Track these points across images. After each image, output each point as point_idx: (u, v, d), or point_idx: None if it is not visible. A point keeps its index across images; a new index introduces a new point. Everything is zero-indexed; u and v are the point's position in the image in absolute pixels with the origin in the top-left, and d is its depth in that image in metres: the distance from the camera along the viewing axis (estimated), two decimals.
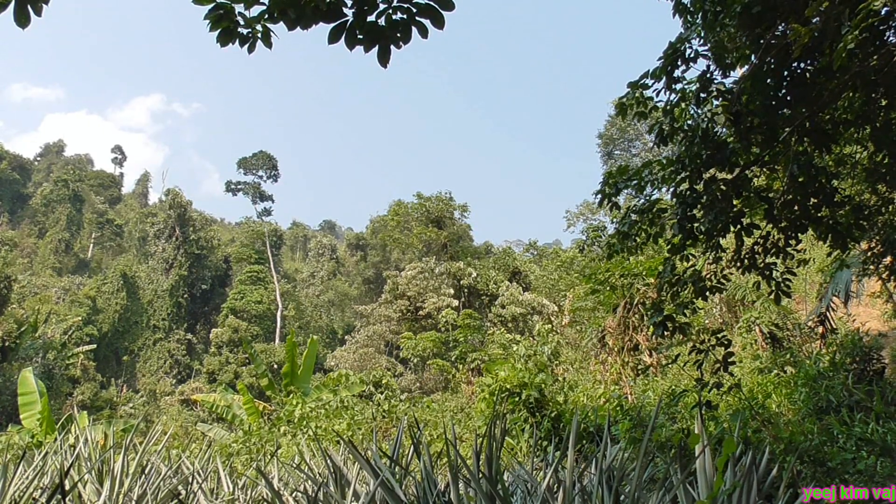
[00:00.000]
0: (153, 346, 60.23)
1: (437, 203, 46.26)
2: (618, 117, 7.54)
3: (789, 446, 6.80)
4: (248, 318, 58.53)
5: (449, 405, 20.25)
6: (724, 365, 6.83)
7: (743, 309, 18.59)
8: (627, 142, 58.97)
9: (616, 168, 7.05)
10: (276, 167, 70.43)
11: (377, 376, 25.52)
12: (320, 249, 77.61)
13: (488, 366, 18.26)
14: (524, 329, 36.94)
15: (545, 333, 23.10)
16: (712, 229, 6.33)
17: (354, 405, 17.72)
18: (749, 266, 6.79)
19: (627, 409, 10.75)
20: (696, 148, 6.16)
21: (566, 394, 13.04)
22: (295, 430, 14.74)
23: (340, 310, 70.75)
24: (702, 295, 6.72)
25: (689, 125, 6.46)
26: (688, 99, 6.42)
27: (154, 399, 53.62)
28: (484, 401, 12.74)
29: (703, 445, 4.14)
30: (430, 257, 43.69)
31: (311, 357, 21.89)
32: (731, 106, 5.91)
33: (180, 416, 43.33)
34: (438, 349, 35.13)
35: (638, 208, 6.84)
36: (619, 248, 7.07)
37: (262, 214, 72.30)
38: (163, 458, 7.24)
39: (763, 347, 15.70)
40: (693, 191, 6.34)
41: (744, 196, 6.31)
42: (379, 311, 42.94)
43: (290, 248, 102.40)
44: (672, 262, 6.86)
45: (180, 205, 64.68)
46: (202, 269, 66.37)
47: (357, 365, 38.77)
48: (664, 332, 6.78)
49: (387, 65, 3.90)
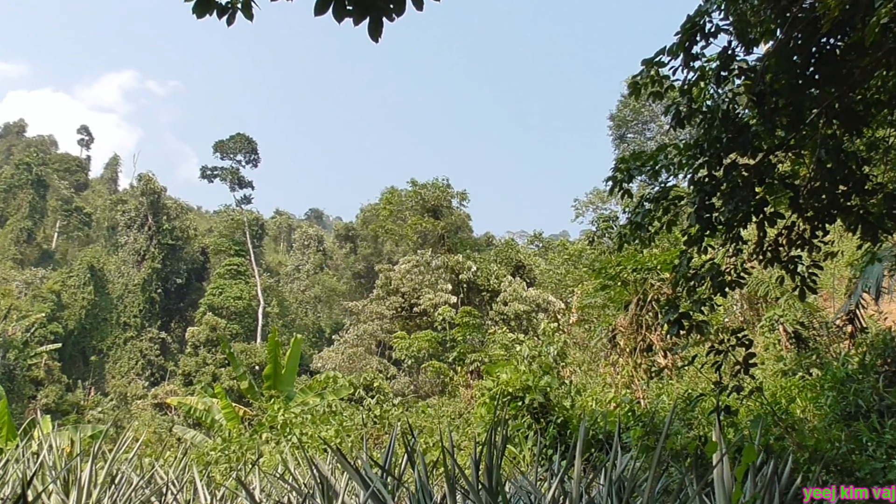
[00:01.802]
0: (123, 346, 60.23)
1: (434, 190, 46.22)
2: (631, 97, 7.53)
3: (814, 455, 6.84)
4: (226, 316, 58.52)
5: (446, 410, 20.28)
6: (745, 367, 6.86)
7: (765, 306, 18.63)
8: (641, 124, 58.89)
9: (629, 152, 7.05)
10: (256, 151, 70.38)
11: (368, 379, 25.57)
12: (306, 241, 77.53)
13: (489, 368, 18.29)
14: (528, 328, 36.98)
15: (551, 333, 23.11)
16: (732, 219, 6.34)
17: (343, 410, 17.75)
18: (772, 259, 6.80)
19: (639, 414, 10.79)
20: (716, 131, 6.15)
21: (573, 398, 13.07)
22: (278, 437, 14.78)
23: (328, 306, 70.77)
24: (721, 291, 6.73)
25: (708, 106, 6.46)
26: (707, 78, 6.41)
27: (125, 403, 53.68)
28: (484, 406, 12.77)
29: (721, 454, 4.16)
30: (425, 250, 43.68)
31: (295, 358, 21.93)
32: (753, 85, 5.90)
33: (153, 421, 43.37)
34: (435, 350, 35.16)
35: (652, 196, 6.84)
36: (631, 239, 7.07)
37: (242, 202, 72.30)
38: (134, 466, 7.25)
39: (787, 348, 15.75)
40: (712, 177, 6.34)
41: (767, 183, 6.31)
42: (370, 309, 42.94)
43: (273, 240, 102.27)
44: (689, 254, 6.87)
45: (153, 191, 64.56)
46: (177, 262, 66.32)
47: (346, 366, 38.81)
48: (680, 331, 6.79)
49: (378, 38, 3.89)
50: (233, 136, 69.43)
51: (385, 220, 50.36)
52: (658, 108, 50.68)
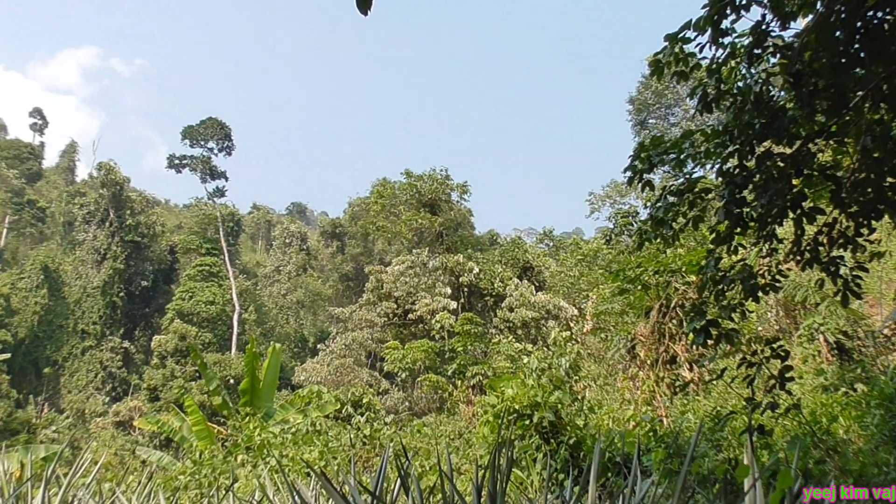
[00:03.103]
0: (81, 356, 60.21)
1: (431, 182, 46.23)
2: (653, 78, 7.48)
3: (859, 480, 6.84)
4: (197, 323, 58.50)
5: (444, 430, 20.28)
6: (781, 381, 6.86)
7: (803, 313, 18.64)
8: (664, 108, 59.04)
9: (650, 139, 7.04)
10: (230, 137, 70.33)
11: (356, 394, 25.59)
12: (287, 238, 77.53)
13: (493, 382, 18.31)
14: (537, 337, 36.99)
15: (562, 342, 23.12)
16: (766, 215, 6.33)
17: (328, 429, 17.74)
18: (811, 260, 6.80)
19: (662, 434, 10.79)
20: (748, 115, 6.15)
21: (587, 416, 13.07)
22: (255, 460, 14.78)
23: (312, 312, 70.77)
24: (753, 295, 6.73)
25: (739, 88, 6.45)
26: (738, 55, 6.41)
27: (82, 421, 53.66)
28: (487, 424, 12.77)
29: (755, 479, 4.16)
30: (421, 249, 43.68)
31: (274, 370, 21.92)
32: (790, 64, 5.90)
33: (114, 441, 43.36)
34: (432, 361, 35.17)
35: (676, 189, 6.84)
36: (653, 237, 7.07)
37: (214, 195, 72.34)
38: (92, 492, 7.24)
39: (828, 360, 15.76)
40: (743, 168, 6.34)
41: (805, 174, 6.31)
42: (359, 315, 42.93)
43: (251, 237, 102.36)
44: (717, 255, 6.87)
45: (115, 182, 64.54)
46: (142, 262, 66.30)
47: (332, 380, 38.79)
48: (707, 340, 6.79)
49: (367, 12, 3.88)
50: (203, 120, 69.43)
51: (376, 215, 50.33)
52: (683, 90, 50.74)
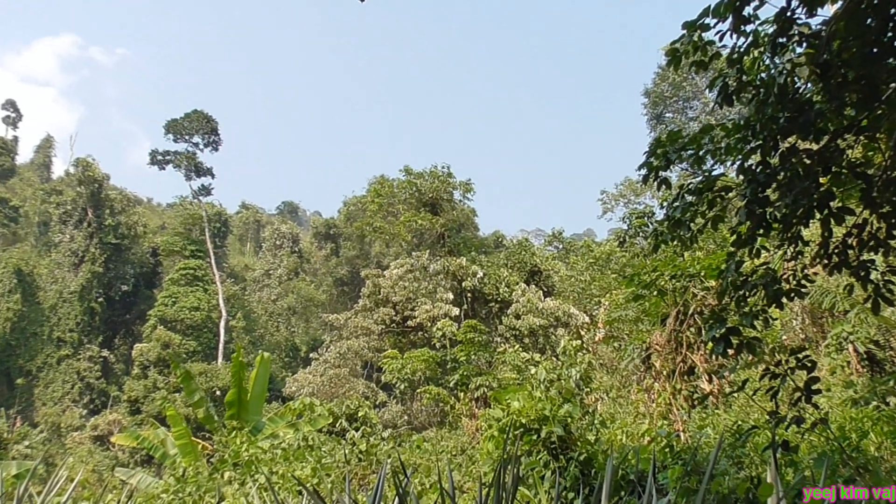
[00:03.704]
0: (57, 366, 60.21)
1: (432, 180, 46.26)
2: (670, 68, 7.47)
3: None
4: (181, 330, 58.56)
5: (446, 445, 20.29)
6: (807, 394, 6.85)
7: (831, 321, 18.63)
8: (682, 101, 59.05)
9: (666, 134, 7.04)
10: (217, 132, 70.43)
11: (352, 407, 25.54)
12: (278, 240, 77.70)
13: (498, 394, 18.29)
14: (545, 346, 36.98)
15: (573, 352, 23.15)
16: (791, 215, 6.33)
17: (321, 444, 17.73)
18: (839, 264, 6.79)
19: (679, 450, 10.78)
20: (771, 109, 6.15)
21: (599, 431, 13.07)
22: (243, 477, 14.77)
23: (304, 319, 70.81)
24: (777, 301, 6.72)
25: (762, 79, 6.45)
26: (761, 44, 6.40)
27: (58, 435, 53.66)
28: (492, 440, 12.76)
29: (779, 498, 4.17)
30: (421, 252, 43.70)
31: (263, 380, 21.91)
32: (818, 54, 5.90)
33: (92, 457, 43.40)
34: (433, 372, 35.17)
35: (694, 187, 6.84)
36: (670, 239, 7.07)
37: (200, 193, 72.42)
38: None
39: (858, 371, 15.75)
40: (766, 165, 6.34)
41: (833, 172, 6.30)
42: (355, 322, 42.93)
43: (239, 238, 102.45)
44: (738, 258, 6.87)
45: (94, 179, 64.61)
46: (122, 265, 66.35)
47: (325, 392, 38.80)
48: (727, 350, 6.79)
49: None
50: (188, 113, 69.48)
51: (373, 215, 50.31)
52: (702, 82, 50.75)
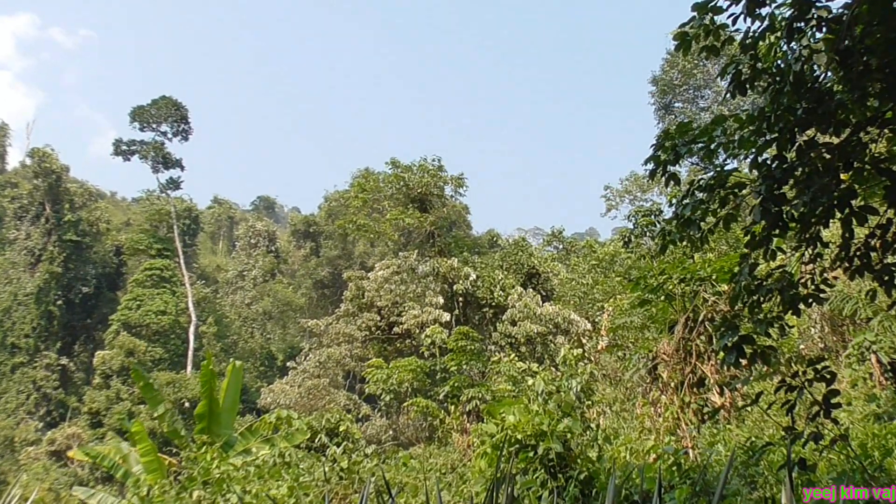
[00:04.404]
0: (11, 375, 59.94)
1: (421, 174, 46.09)
2: (678, 53, 7.45)
3: None
4: (147, 336, 58.35)
5: (434, 462, 20.29)
6: (826, 408, 6.86)
7: (853, 329, 18.67)
8: (693, 90, 59.04)
9: (675, 125, 7.04)
10: (187, 119, 70.10)
11: (332, 420, 25.52)
12: (253, 238, 77.53)
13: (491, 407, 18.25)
14: (543, 355, 36.98)
15: (573, 362, 23.10)
16: (809, 214, 6.34)
17: (299, 461, 17.71)
18: (861, 267, 6.80)
19: (687, 469, 10.80)
20: (788, 99, 6.15)
21: (601, 447, 13.07)
22: (213, 496, 14.74)
23: (281, 325, 70.70)
24: (794, 308, 6.74)
25: (778, 66, 6.46)
26: (778, 28, 6.41)
27: (11, 450, 53.38)
28: (484, 457, 12.75)
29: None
30: (409, 252, 43.64)
31: (235, 391, 21.82)
32: (838, 40, 5.91)
33: (48, 474, 43.22)
34: (421, 383, 35.13)
35: (705, 183, 6.84)
36: (678, 239, 7.07)
37: (168, 187, 72.02)
38: None
39: (881, 384, 15.79)
40: (783, 159, 6.34)
41: (855, 168, 6.31)
42: (336, 328, 42.88)
43: (210, 237, 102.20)
44: (752, 260, 6.87)
45: (52, 171, 64.31)
46: (83, 265, 66.06)
47: (303, 404, 38.71)
48: (740, 360, 6.79)
49: None
50: (156, 100, 69.09)
51: (357, 212, 50.13)
52: (714, 69, 50.84)
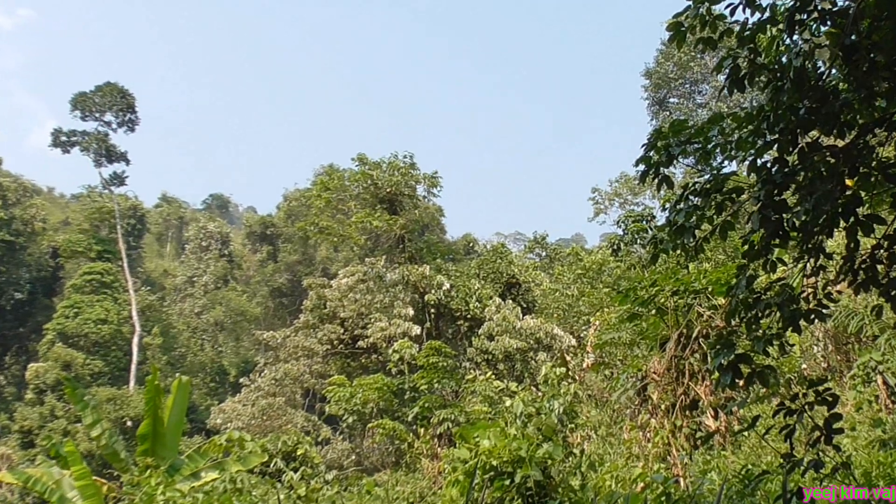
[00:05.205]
0: None
1: (391, 172, 46.00)
2: (673, 45, 7.51)
3: None
4: (86, 347, 57.88)
5: (401, 491, 20.22)
6: (827, 434, 6.90)
7: (858, 348, 18.83)
8: (690, 84, 59.38)
9: (669, 123, 7.06)
10: (134, 108, 69.62)
11: (289, 443, 25.41)
12: (204, 240, 77.09)
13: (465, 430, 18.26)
14: (523, 373, 37.04)
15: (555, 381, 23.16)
16: (812, 223, 6.38)
17: (252, 487, 17.62)
18: (867, 281, 6.86)
19: (677, 499, 10.85)
20: (789, 97, 6.19)
21: (585, 475, 13.10)
22: None
23: (234, 337, 70.35)
24: (794, 324, 6.77)
25: (778, 62, 6.50)
26: (779, 20, 6.45)
27: None
28: (456, 485, 12.75)
29: None
30: (377, 257, 43.58)
31: (181, 409, 21.68)
32: (843, 35, 5.96)
33: None
34: (387, 403, 35.06)
35: (701, 187, 6.87)
36: (671, 248, 7.10)
37: (111, 183, 71.51)
38: None
39: (888, 408, 15.93)
40: (783, 163, 6.38)
41: (861, 173, 6.37)
42: (294, 341, 42.73)
43: (157, 238, 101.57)
44: (750, 272, 6.91)
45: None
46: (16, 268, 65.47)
47: (258, 424, 38.53)
48: (736, 380, 6.82)
49: None
50: (100, 86, 68.53)
51: (319, 213, 49.81)
52: (712, 62, 51.12)
